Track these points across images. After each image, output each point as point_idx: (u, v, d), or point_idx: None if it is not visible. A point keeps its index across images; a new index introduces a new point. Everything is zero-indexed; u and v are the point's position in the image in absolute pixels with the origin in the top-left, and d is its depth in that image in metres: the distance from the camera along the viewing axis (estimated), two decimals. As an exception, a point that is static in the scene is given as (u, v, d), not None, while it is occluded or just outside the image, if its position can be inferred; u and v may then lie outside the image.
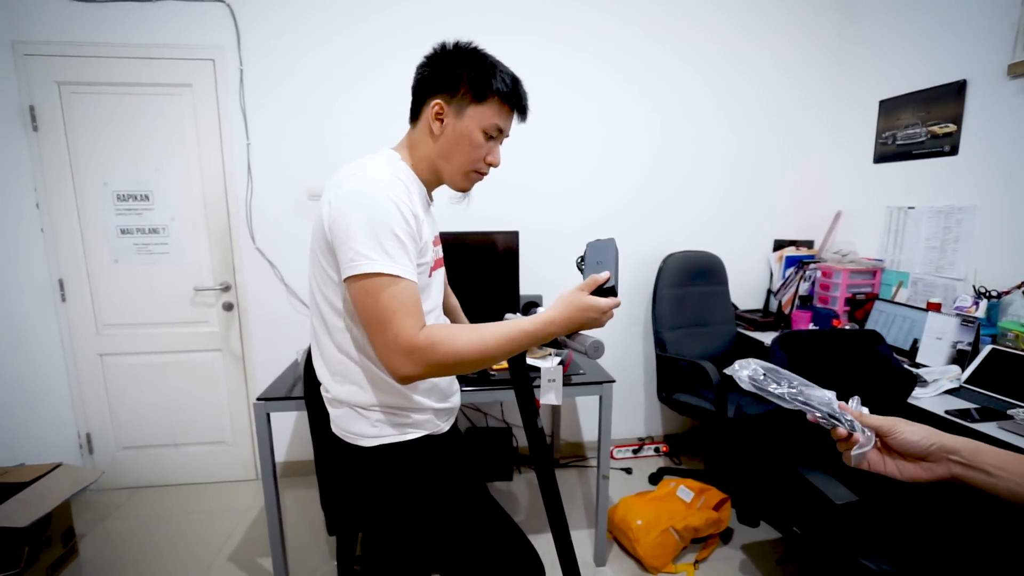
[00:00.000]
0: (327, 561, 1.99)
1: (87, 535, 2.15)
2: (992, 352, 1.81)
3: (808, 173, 2.76)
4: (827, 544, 1.44)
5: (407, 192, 0.90)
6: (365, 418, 0.99)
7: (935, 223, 2.20)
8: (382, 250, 0.84)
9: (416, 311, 0.86)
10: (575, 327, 0.90)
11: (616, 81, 2.52)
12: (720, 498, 2.06)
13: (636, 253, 2.66)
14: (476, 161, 1.00)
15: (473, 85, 0.95)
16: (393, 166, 0.95)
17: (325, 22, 2.28)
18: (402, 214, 0.87)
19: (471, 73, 0.95)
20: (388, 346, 0.85)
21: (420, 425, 1.03)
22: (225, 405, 2.51)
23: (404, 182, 0.92)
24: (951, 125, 2.11)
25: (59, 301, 2.32)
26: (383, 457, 1.00)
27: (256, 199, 2.36)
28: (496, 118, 0.98)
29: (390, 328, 0.84)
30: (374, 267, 0.84)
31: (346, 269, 0.86)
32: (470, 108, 0.96)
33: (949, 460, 0.64)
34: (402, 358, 0.85)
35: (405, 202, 0.88)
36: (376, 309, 0.85)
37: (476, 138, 0.98)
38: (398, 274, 0.85)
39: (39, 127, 2.19)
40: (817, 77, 2.68)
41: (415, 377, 0.87)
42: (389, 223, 0.85)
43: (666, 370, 2.45)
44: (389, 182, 0.89)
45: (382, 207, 0.86)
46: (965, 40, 2.06)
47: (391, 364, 0.86)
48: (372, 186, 0.87)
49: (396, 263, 0.85)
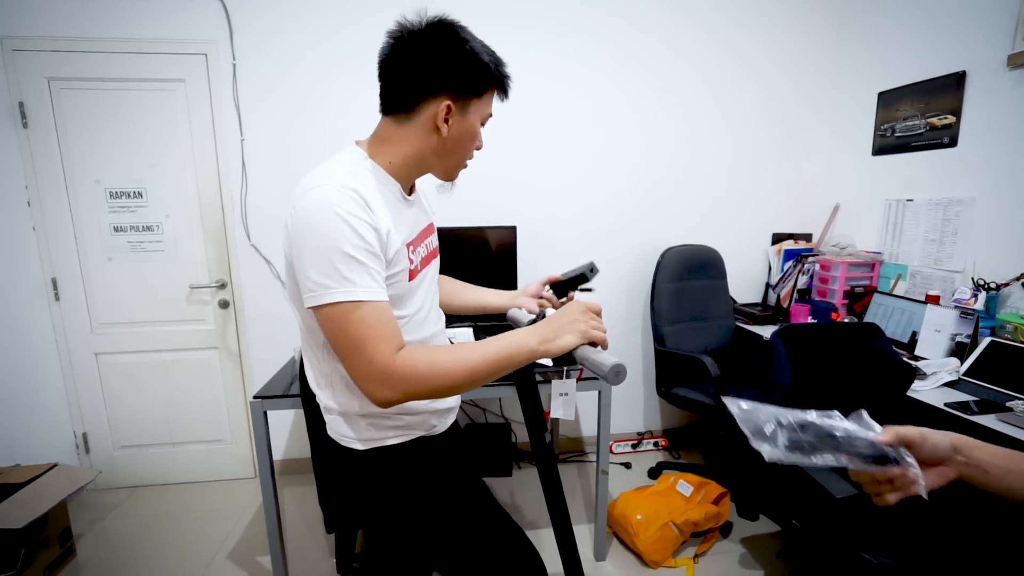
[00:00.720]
0: (326, 559, 1.98)
1: (84, 535, 2.13)
2: (991, 344, 1.80)
3: (806, 166, 2.75)
4: (827, 537, 1.44)
5: (362, 204, 0.82)
6: (356, 423, 0.98)
7: (934, 215, 2.19)
8: (339, 276, 0.79)
9: (388, 333, 0.82)
10: (556, 330, 0.86)
11: (613, 76, 2.50)
12: (719, 492, 2.06)
13: (634, 247, 2.65)
14: (472, 152, 0.99)
15: (476, 81, 0.91)
16: (352, 172, 0.87)
17: (321, 17, 2.25)
18: (356, 232, 0.80)
19: (474, 69, 0.90)
20: (363, 374, 0.81)
21: (413, 427, 1.01)
22: (222, 403, 2.50)
23: (359, 191, 0.83)
24: (950, 117, 2.10)
25: (52, 300, 2.29)
26: (376, 460, 0.99)
27: (251, 196, 2.34)
28: (489, 107, 0.96)
29: (363, 355, 0.80)
30: (333, 296, 0.79)
31: (307, 300, 0.83)
32: (472, 104, 0.93)
33: (956, 460, 0.63)
34: (379, 385, 0.80)
35: (359, 216, 0.81)
36: (345, 338, 0.81)
37: (478, 131, 0.96)
38: (360, 299, 0.80)
39: (29, 124, 2.16)
40: (815, 69, 2.66)
41: (395, 402, 0.83)
42: (340, 246, 0.79)
43: (665, 364, 2.45)
44: (339, 198, 0.81)
45: (333, 229, 0.79)
46: (964, 31, 2.05)
47: (368, 391, 0.82)
48: (321, 206, 0.80)
49: (356, 287, 0.80)
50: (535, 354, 0.86)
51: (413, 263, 0.96)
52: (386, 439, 0.99)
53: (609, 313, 2.68)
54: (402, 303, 0.95)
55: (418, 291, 1.00)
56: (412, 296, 0.98)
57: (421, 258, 1.01)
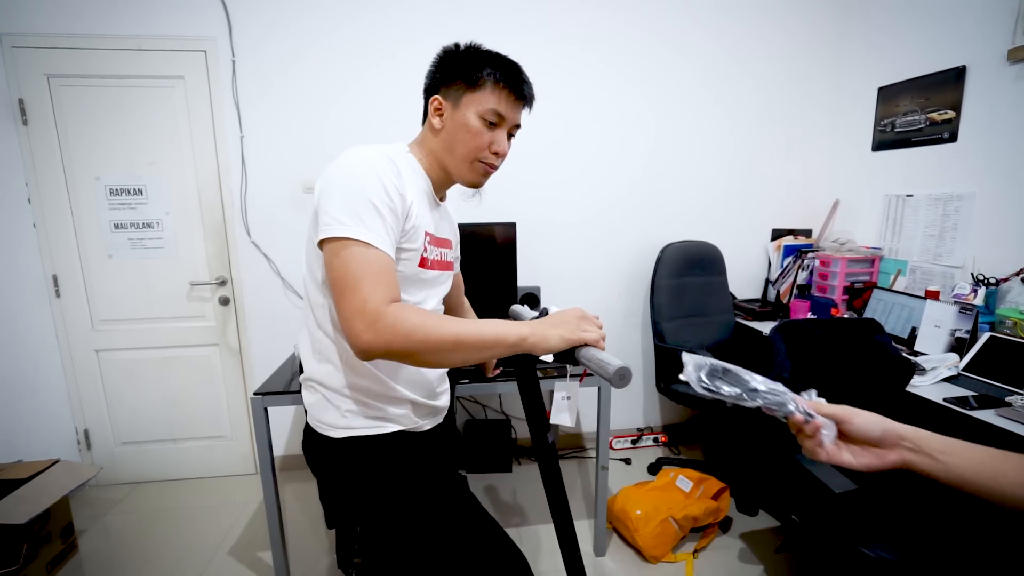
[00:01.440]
0: (327, 554, 1.99)
1: (86, 531, 2.14)
2: (990, 339, 1.80)
3: (806, 161, 2.75)
4: (826, 532, 1.44)
5: (396, 172, 0.90)
6: (336, 407, 0.97)
7: (933, 211, 2.19)
8: (357, 216, 0.84)
9: (388, 282, 0.84)
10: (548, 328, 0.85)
11: (613, 73, 2.50)
12: (719, 487, 2.07)
13: (634, 244, 2.65)
14: (478, 149, 0.98)
15: (464, 72, 0.96)
16: (394, 152, 0.96)
17: (320, 14, 2.25)
18: (383, 186, 0.86)
19: (463, 62, 0.96)
20: (353, 311, 0.81)
21: (395, 419, 1.00)
22: (223, 400, 2.51)
23: (397, 164, 0.91)
24: (950, 112, 2.10)
25: (53, 297, 2.30)
26: (351, 450, 0.98)
27: (251, 192, 2.34)
28: (492, 102, 0.96)
29: (358, 293, 0.81)
30: (347, 231, 0.83)
31: (321, 232, 0.86)
32: (465, 96, 0.96)
33: (900, 446, 0.65)
34: (364, 325, 0.80)
35: (390, 178, 0.88)
36: (345, 273, 0.82)
37: (473, 125, 0.96)
38: (370, 241, 0.83)
39: (29, 121, 2.16)
40: (815, 64, 2.66)
41: (373, 350, 0.81)
42: (367, 193, 0.85)
43: (665, 360, 2.45)
44: (377, 159, 0.89)
45: (363, 177, 0.86)
46: (964, 25, 2.04)
47: (352, 330, 0.81)
48: (357, 159, 0.89)
49: (370, 231, 0.84)
50: (523, 344, 0.84)
51: (427, 252, 0.99)
52: (363, 428, 0.98)
53: (608, 309, 2.68)
54: (405, 289, 0.95)
55: (423, 287, 1.01)
56: (417, 287, 0.99)
57: (434, 258, 1.03)
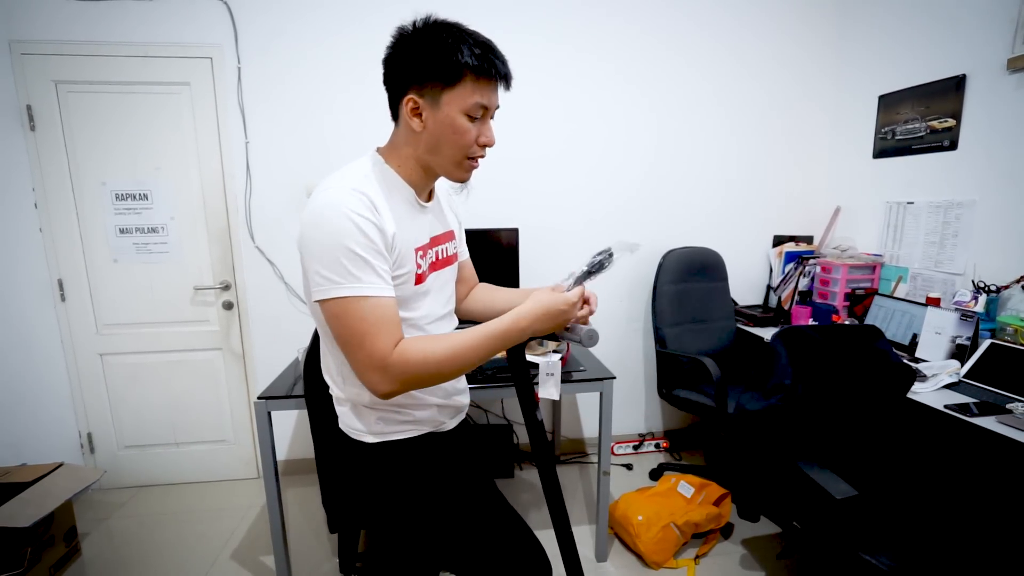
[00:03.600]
0: (329, 559, 1.99)
1: (90, 534, 2.15)
2: (991, 347, 1.81)
3: (807, 168, 2.76)
4: (827, 539, 1.44)
5: (369, 206, 0.85)
6: (369, 415, 1.00)
7: (934, 218, 2.20)
8: (344, 271, 0.83)
9: (388, 328, 0.85)
10: (545, 321, 0.93)
11: (616, 79, 2.52)
12: (720, 493, 2.07)
13: (636, 250, 2.66)
14: (467, 147, 0.92)
15: (439, 70, 0.86)
16: (364, 176, 0.90)
17: (324, 20, 2.27)
18: (361, 230, 0.83)
19: (434, 57, 0.86)
20: (362, 366, 0.86)
21: (423, 422, 1.04)
22: (226, 404, 2.52)
23: (367, 194, 0.86)
24: (950, 120, 2.11)
25: (59, 301, 2.32)
26: (386, 454, 1.01)
27: (255, 198, 2.36)
28: (475, 96, 0.88)
29: (363, 349, 0.85)
30: (338, 291, 0.83)
31: (313, 293, 0.87)
32: (444, 95, 0.88)
33: None
34: (378, 376, 0.85)
35: (366, 216, 0.84)
36: (346, 332, 0.85)
37: (460, 124, 0.89)
38: (363, 294, 0.84)
39: (37, 127, 2.18)
40: (816, 72, 2.68)
41: (394, 392, 0.88)
42: (346, 243, 0.83)
43: (666, 366, 2.45)
44: (348, 200, 0.84)
45: (339, 228, 0.83)
46: (965, 34, 2.06)
47: (368, 383, 0.87)
48: (328, 207, 0.84)
49: (361, 283, 0.84)
50: (525, 336, 0.94)
51: (421, 268, 0.97)
52: (396, 433, 1.01)
53: (610, 314, 2.69)
54: (407, 306, 0.96)
55: (426, 296, 1.01)
56: (419, 300, 0.99)
57: (429, 263, 1.01)
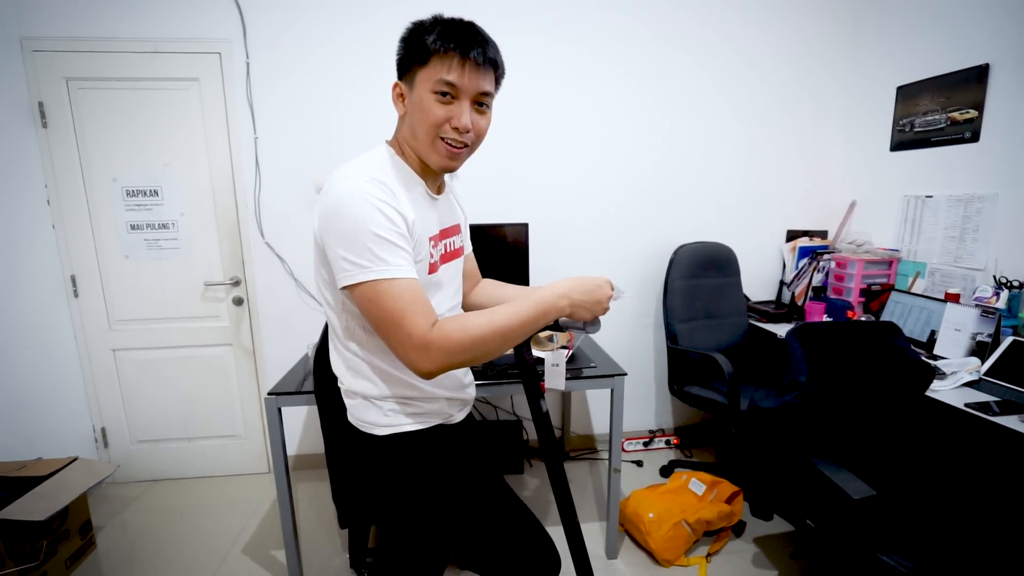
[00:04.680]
0: (340, 553, 2.00)
1: (104, 528, 2.18)
2: (1013, 344, 1.77)
3: (822, 162, 2.71)
4: (843, 538, 1.42)
5: (389, 192, 0.87)
6: (378, 408, 1.01)
7: (954, 212, 2.15)
8: (371, 255, 0.84)
9: (423, 307, 0.86)
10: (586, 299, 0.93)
11: (625, 74, 2.48)
12: (732, 491, 2.05)
13: (647, 245, 2.63)
14: (434, 125, 0.91)
15: (412, 50, 0.91)
16: (378, 166, 0.93)
17: (333, 15, 2.26)
18: (384, 215, 0.85)
19: (411, 40, 0.92)
20: (404, 346, 0.85)
21: (432, 414, 1.04)
22: (237, 399, 2.53)
23: (386, 182, 0.88)
24: (972, 111, 2.06)
25: (71, 297, 2.34)
26: (396, 445, 1.01)
27: (264, 193, 2.36)
28: (440, 72, 0.88)
29: (402, 329, 0.84)
30: (367, 275, 0.84)
31: (341, 279, 0.87)
32: (418, 74, 0.91)
33: None
34: (420, 355, 0.84)
35: (387, 202, 0.86)
36: (383, 314, 0.85)
37: (427, 101, 0.90)
38: (393, 276, 0.84)
39: (48, 123, 2.19)
40: (832, 63, 2.62)
41: (437, 371, 0.86)
42: (372, 228, 0.84)
43: (677, 362, 2.43)
44: (367, 187, 0.86)
45: (363, 213, 0.84)
46: (987, 23, 2.00)
47: (411, 363, 0.86)
48: (350, 194, 0.85)
49: (389, 265, 0.84)
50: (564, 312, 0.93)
51: (433, 257, 0.99)
52: (405, 425, 1.01)
53: (621, 310, 2.67)
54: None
55: (439, 288, 1.02)
56: (431, 291, 1.00)
57: (440, 255, 1.03)
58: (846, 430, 1.54)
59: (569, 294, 0.92)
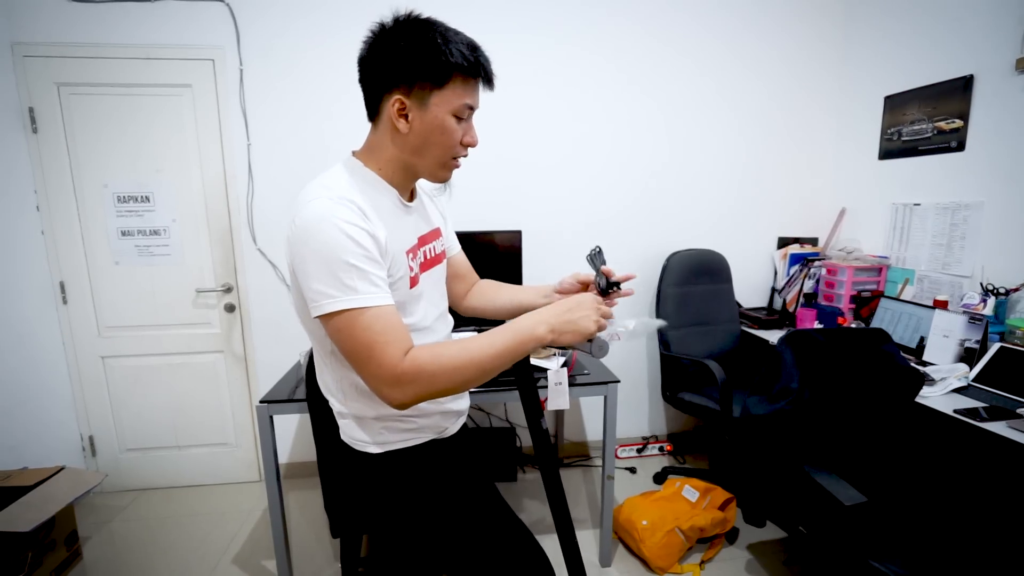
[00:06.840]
0: (331, 563, 1.98)
1: (91, 538, 2.14)
2: (1000, 350, 1.79)
3: (812, 170, 2.74)
4: (836, 545, 1.43)
5: (358, 212, 0.84)
6: (371, 427, 0.99)
7: (941, 220, 2.18)
8: (341, 285, 0.80)
9: (395, 336, 0.82)
10: (564, 323, 0.88)
11: (620, 81, 2.50)
12: (726, 498, 2.05)
13: (640, 252, 2.65)
14: (453, 148, 0.92)
15: (429, 70, 0.85)
16: (347, 182, 0.89)
17: (326, 21, 2.26)
18: (353, 239, 0.81)
19: (424, 57, 0.85)
20: (375, 379, 0.82)
21: (426, 429, 1.03)
22: (228, 407, 2.51)
23: (354, 200, 0.84)
24: (958, 121, 2.09)
25: (60, 304, 2.31)
26: (390, 463, 1.00)
27: (257, 200, 2.35)
28: (464, 97, 0.88)
29: (372, 361, 0.81)
30: (336, 304, 0.80)
31: (312, 309, 0.84)
32: (433, 96, 0.87)
33: None
34: (391, 389, 0.82)
35: (356, 224, 0.82)
36: (353, 345, 0.82)
37: (449, 125, 0.89)
38: (363, 305, 0.81)
39: (39, 129, 2.18)
40: (822, 73, 2.66)
41: (411, 403, 0.84)
42: (340, 255, 0.80)
43: (670, 369, 2.44)
44: (334, 208, 0.82)
45: (330, 239, 0.80)
46: (972, 34, 2.04)
47: (383, 396, 0.84)
48: (318, 219, 0.81)
49: (359, 294, 0.81)
50: (543, 344, 0.87)
51: (412, 270, 0.96)
52: (399, 442, 1.00)
53: (617, 314, 2.67)
54: (404, 310, 0.94)
55: (421, 299, 1.00)
56: (415, 303, 0.98)
57: (420, 264, 1.00)
58: (837, 436, 1.55)
59: (547, 319, 0.87)
